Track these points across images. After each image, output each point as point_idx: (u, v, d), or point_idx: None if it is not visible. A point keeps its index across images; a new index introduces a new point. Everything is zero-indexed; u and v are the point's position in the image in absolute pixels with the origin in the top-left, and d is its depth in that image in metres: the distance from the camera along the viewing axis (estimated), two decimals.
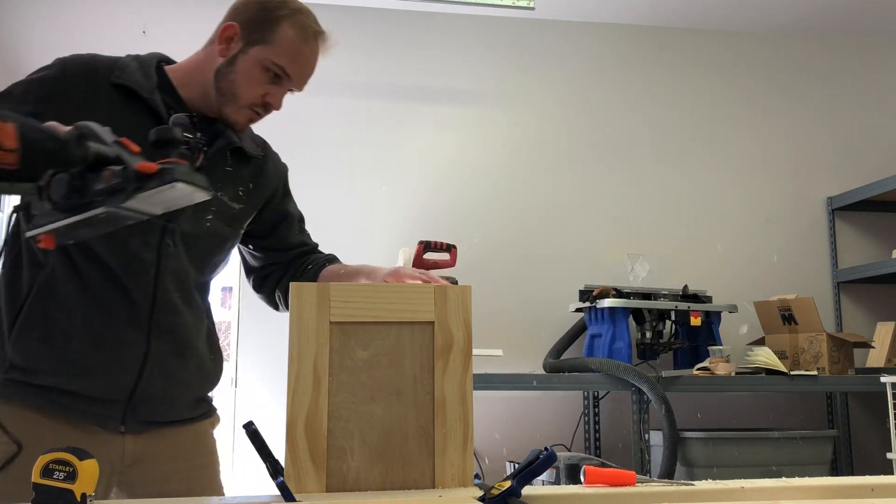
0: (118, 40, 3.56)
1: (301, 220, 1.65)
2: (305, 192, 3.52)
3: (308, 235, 1.66)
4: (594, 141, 3.79)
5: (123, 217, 1.02)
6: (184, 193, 1.01)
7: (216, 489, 1.45)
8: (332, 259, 1.61)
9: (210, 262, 1.45)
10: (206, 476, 1.43)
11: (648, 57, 3.91)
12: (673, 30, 3.96)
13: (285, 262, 1.59)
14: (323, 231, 1.66)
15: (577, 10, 3.78)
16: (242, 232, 1.51)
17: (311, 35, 1.45)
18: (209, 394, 1.50)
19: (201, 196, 1.04)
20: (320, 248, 1.68)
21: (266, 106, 1.43)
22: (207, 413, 1.48)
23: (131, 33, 3.52)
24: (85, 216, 1.00)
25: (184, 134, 1.14)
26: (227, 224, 1.44)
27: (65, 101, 1.29)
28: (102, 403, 1.29)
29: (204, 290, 1.47)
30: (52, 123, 1.06)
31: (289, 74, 1.41)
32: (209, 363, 1.45)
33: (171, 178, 0.98)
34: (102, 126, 1.06)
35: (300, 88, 1.47)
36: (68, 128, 1.04)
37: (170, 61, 1.46)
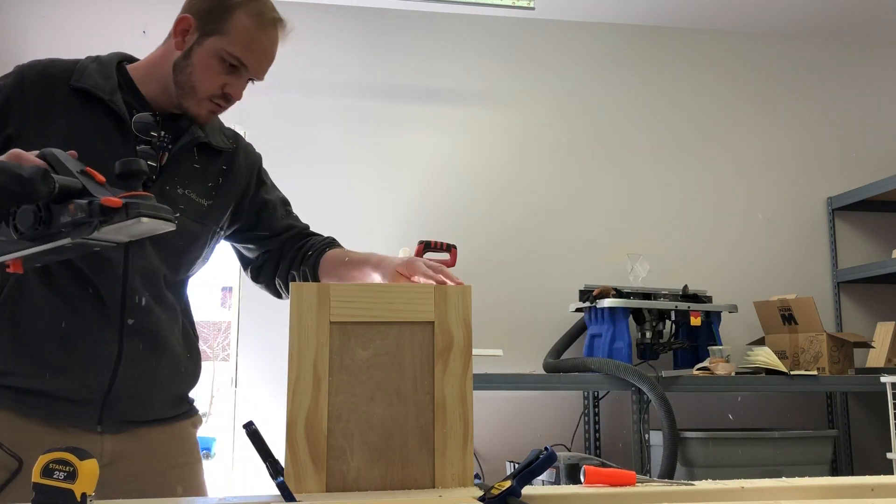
0: (118, 40, 3.56)
1: (285, 203, 1.62)
2: (305, 192, 3.53)
3: (296, 218, 1.63)
4: (594, 140, 3.79)
5: (90, 245, 1.04)
6: (149, 226, 1.03)
7: (198, 489, 1.43)
8: (331, 243, 1.59)
9: (183, 260, 1.43)
10: (187, 476, 1.42)
11: (648, 57, 3.91)
12: (673, 30, 3.96)
13: (277, 247, 1.57)
14: (323, 230, 1.66)
15: (577, 10, 3.78)
16: (218, 228, 1.48)
17: (267, 22, 1.40)
18: (189, 394, 1.48)
19: (166, 227, 1.05)
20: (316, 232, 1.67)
21: (226, 97, 1.41)
22: (188, 412, 1.46)
23: (131, 33, 3.52)
24: (51, 246, 1.01)
25: (150, 133, 1.14)
26: (197, 221, 1.42)
27: (23, 108, 1.29)
28: (77, 404, 1.28)
29: (179, 288, 1.45)
30: (16, 152, 1.05)
31: (245, 64, 1.39)
32: (186, 361, 1.43)
33: (136, 212, 0.99)
34: (65, 152, 1.06)
35: (260, 77, 1.45)
36: (34, 155, 1.04)
37: (132, 59, 1.44)
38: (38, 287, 1.27)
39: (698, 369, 3.15)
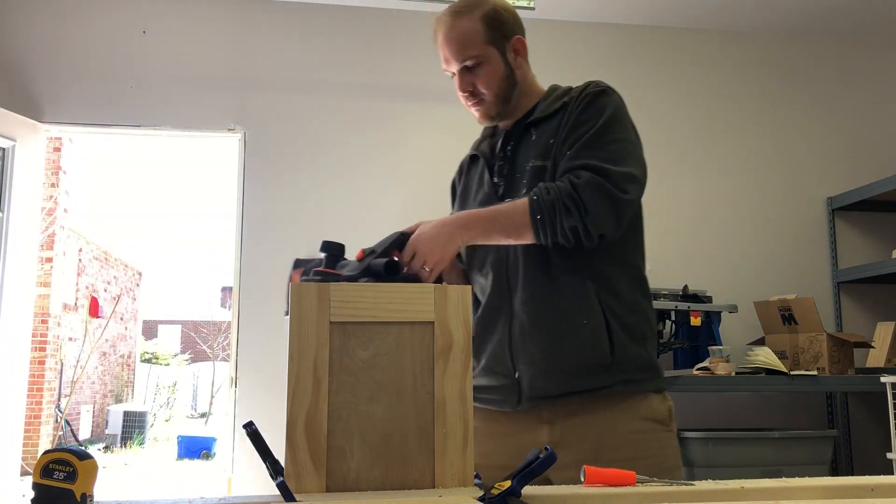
0: (118, 40, 3.57)
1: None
2: (306, 192, 3.53)
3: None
4: None
5: None
6: None
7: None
8: None
9: None
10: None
11: (648, 57, 3.91)
12: (673, 30, 3.96)
13: None
14: (323, 230, 1.66)
15: (577, 10, 3.78)
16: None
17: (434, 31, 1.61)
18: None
19: None
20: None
21: (465, 96, 1.60)
22: None
23: (131, 33, 3.52)
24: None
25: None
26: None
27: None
28: None
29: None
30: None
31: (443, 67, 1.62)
32: None
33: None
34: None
35: (457, 64, 1.57)
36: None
37: None
38: None
39: (698, 369, 3.15)
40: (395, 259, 1.32)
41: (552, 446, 1.34)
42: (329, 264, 1.25)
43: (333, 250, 1.26)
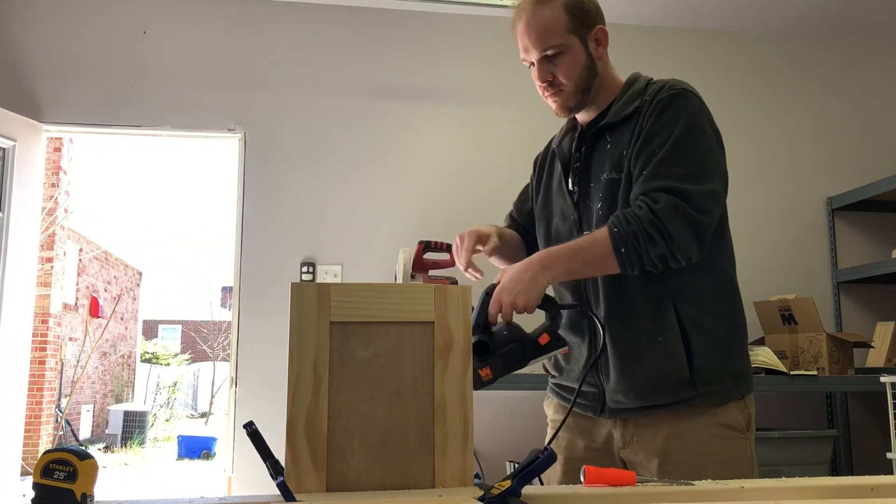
0: (118, 40, 3.57)
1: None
2: (306, 192, 3.53)
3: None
4: None
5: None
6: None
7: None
8: None
9: None
10: None
11: (648, 57, 3.91)
12: (673, 30, 3.96)
13: None
14: (323, 229, 1.66)
15: None
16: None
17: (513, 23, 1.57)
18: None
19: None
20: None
21: (545, 86, 1.58)
22: None
23: (131, 33, 3.52)
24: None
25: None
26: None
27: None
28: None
29: None
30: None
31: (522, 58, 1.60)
32: None
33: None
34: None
35: (537, 54, 1.54)
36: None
37: None
38: None
39: None
40: (483, 340, 1.36)
41: (623, 445, 1.43)
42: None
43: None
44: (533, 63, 1.54)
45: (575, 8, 1.50)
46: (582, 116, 1.60)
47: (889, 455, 2.95)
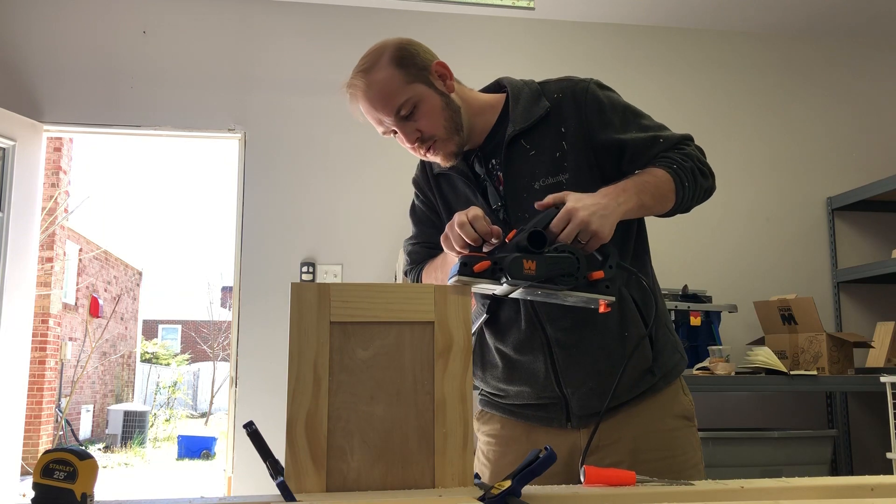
0: (118, 40, 3.57)
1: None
2: (306, 192, 3.53)
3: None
4: None
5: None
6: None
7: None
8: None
9: None
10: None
11: (648, 57, 3.91)
12: (673, 30, 3.96)
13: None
14: (323, 229, 1.66)
15: (577, 10, 3.78)
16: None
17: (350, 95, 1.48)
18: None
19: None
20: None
21: (416, 144, 1.52)
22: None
23: (131, 33, 3.52)
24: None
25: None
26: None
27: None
28: None
29: None
30: None
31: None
32: None
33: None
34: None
35: (388, 118, 1.48)
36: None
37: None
38: None
39: (698, 369, 3.15)
40: (541, 231, 1.17)
41: (591, 452, 1.35)
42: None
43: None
44: (394, 131, 1.45)
45: (402, 59, 1.42)
46: (471, 143, 1.51)
47: (889, 455, 2.95)
